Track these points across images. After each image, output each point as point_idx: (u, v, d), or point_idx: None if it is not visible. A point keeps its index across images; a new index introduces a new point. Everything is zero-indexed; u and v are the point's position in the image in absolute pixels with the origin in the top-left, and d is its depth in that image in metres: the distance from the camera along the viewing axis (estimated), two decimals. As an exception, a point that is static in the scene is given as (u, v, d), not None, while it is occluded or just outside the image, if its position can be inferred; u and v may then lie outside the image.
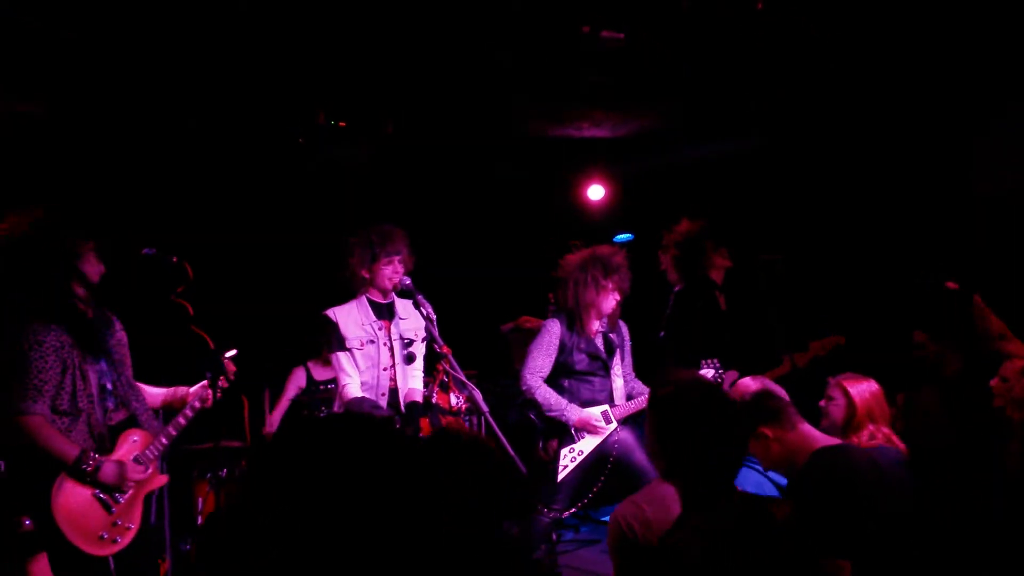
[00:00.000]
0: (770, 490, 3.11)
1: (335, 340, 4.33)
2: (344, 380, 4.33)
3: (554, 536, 4.85)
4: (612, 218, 7.38)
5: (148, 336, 3.75)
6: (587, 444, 4.70)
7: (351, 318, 4.37)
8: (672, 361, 4.96)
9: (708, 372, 4.69)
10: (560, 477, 4.64)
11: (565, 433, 4.71)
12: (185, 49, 4.58)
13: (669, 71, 5.30)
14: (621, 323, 4.98)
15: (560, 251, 4.96)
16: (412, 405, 4.39)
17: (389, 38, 4.66)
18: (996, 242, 5.26)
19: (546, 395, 4.69)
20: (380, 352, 4.37)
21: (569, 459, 4.70)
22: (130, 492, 3.39)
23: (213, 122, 5.60)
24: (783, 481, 3.12)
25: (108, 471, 3.27)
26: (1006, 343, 3.85)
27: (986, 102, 5.27)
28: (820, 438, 2.87)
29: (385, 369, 4.37)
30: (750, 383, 3.51)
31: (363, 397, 4.28)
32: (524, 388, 4.73)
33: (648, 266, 5.19)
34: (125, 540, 3.37)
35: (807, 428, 2.89)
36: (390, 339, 4.42)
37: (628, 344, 5.01)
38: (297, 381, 5.86)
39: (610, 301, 4.74)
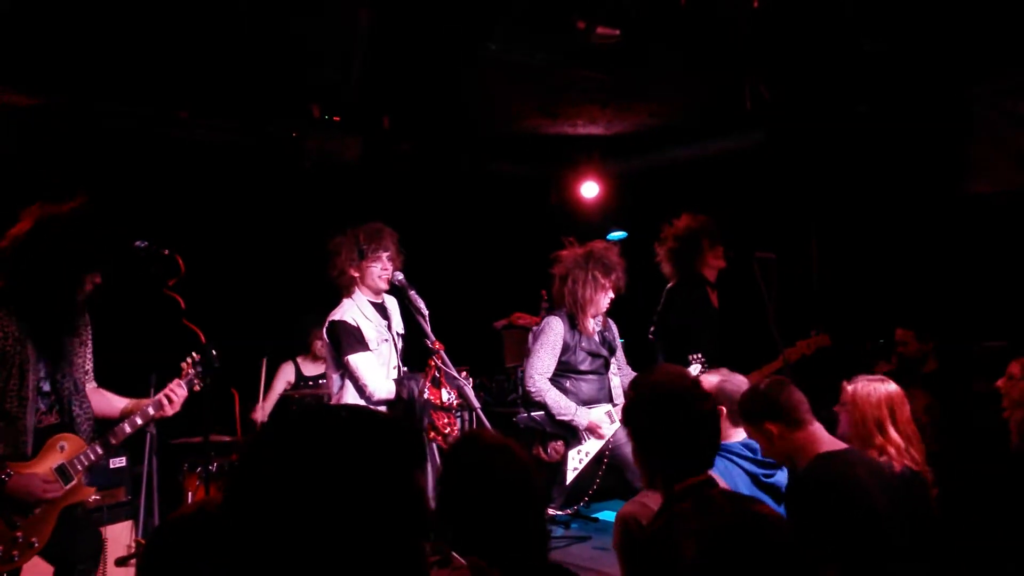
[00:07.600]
0: (760, 495, 3.04)
1: (357, 342, 4.18)
2: (366, 380, 4.14)
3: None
4: (606, 216, 7.37)
5: (138, 329, 3.70)
6: (593, 445, 4.72)
7: (363, 319, 4.27)
8: (663, 358, 4.95)
9: (695, 368, 4.67)
10: (570, 479, 4.63)
11: (572, 434, 4.71)
12: (182, 44, 4.54)
13: (664, 68, 5.29)
14: (610, 321, 4.99)
15: (554, 248, 4.94)
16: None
17: (383, 33, 4.63)
18: (989, 241, 5.27)
19: (556, 398, 4.67)
20: (391, 351, 4.36)
21: (578, 460, 4.71)
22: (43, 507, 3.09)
23: (211, 118, 5.57)
24: (781, 479, 3.09)
25: (15, 485, 2.97)
26: None
27: (981, 100, 5.29)
28: (826, 441, 2.80)
29: (394, 367, 4.37)
30: (709, 377, 3.41)
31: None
32: (533, 390, 4.71)
33: (641, 264, 5.18)
34: (24, 559, 3.02)
35: (815, 429, 2.81)
36: (392, 337, 4.41)
37: (619, 341, 5.03)
38: (285, 376, 5.84)
39: (606, 300, 4.74)
